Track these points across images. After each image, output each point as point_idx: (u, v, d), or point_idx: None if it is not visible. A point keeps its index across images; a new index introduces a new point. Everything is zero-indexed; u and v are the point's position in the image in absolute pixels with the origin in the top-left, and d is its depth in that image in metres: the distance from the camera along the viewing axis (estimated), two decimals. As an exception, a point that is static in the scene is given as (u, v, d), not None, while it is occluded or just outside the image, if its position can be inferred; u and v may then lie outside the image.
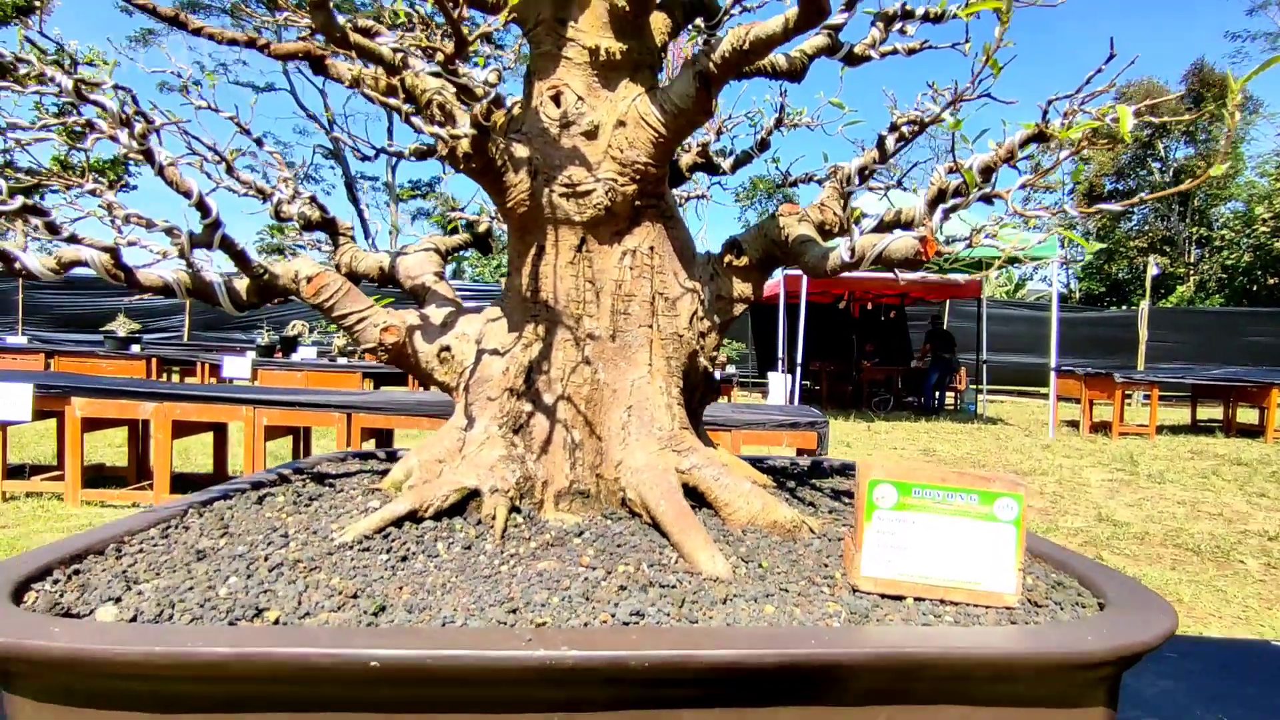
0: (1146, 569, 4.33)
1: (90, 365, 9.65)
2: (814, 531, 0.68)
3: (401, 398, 5.76)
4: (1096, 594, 0.54)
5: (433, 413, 4.94)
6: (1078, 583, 0.57)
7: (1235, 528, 5.24)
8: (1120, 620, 0.49)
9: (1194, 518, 5.43)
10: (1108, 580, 0.55)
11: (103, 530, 0.67)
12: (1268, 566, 4.49)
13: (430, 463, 0.75)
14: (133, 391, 5.17)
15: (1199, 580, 4.18)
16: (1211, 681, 0.95)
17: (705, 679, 0.44)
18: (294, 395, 5.45)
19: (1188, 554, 4.61)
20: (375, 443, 5.72)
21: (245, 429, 5.01)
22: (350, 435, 4.93)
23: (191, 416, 5.26)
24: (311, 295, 0.77)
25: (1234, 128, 0.52)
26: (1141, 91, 26.44)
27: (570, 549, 0.62)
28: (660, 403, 0.71)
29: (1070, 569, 0.59)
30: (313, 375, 8.04)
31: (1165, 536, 4.93)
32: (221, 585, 0.54)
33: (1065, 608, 0.53)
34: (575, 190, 0.70)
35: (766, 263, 0.78)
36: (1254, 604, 3.85)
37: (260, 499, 0.81)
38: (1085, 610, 0.52)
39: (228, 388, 6.05)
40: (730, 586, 0.55)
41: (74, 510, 4.74)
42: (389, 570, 0.57)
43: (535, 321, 0.73)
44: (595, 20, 0.69)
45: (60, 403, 5.06)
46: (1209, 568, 4.41)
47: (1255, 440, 8.71)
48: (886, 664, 0.44)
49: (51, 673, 0.46)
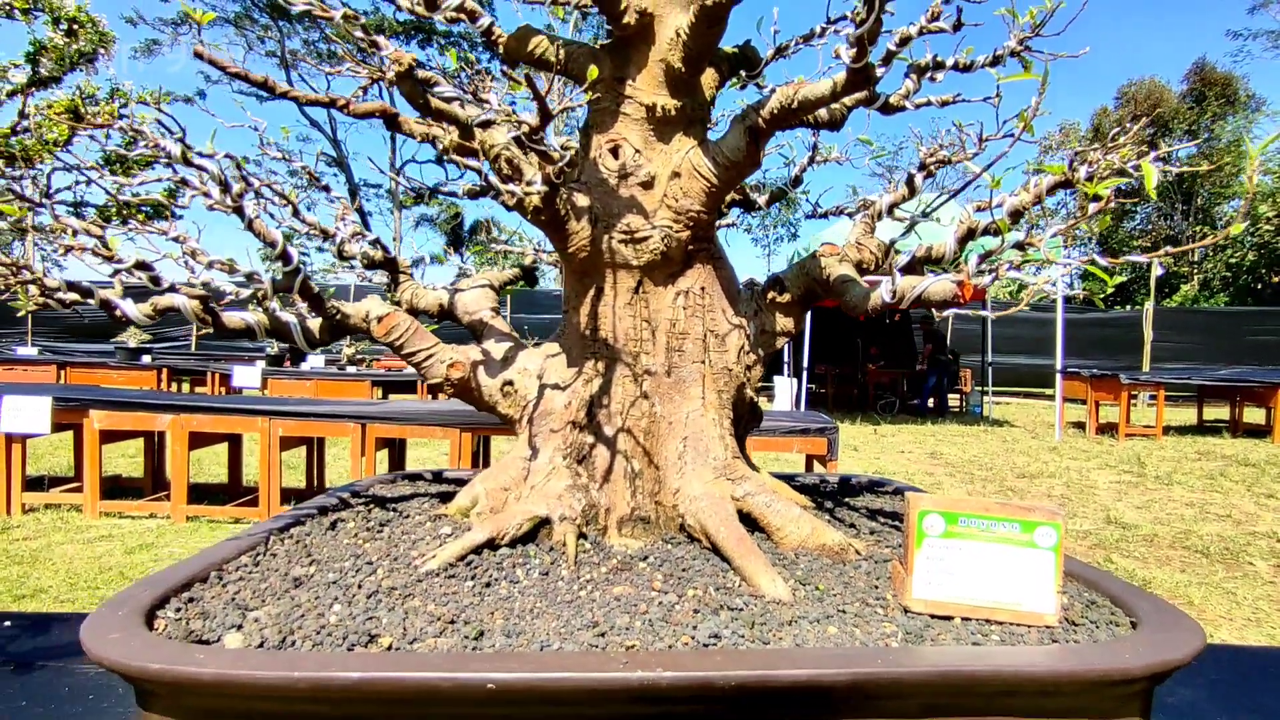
0: (1156, 571, 4.35)
1: (102, 376, 9.73)
2: (860, 553, 0.73)
3: (414, 407, 5.81)
4: (1129, 613, 0.59)
5: (445, 422, 5.00)
6: (1110, 602, 0.62)
7: (1244, 529, 5.27)
8: (1154, 639, 0.54)
9: (1202, 519, 5.45)
10: (1138, 600, 0.60)
11: (200, 558, 0.73)
12: (1278, 568, 4.51)
13: (496, 490, 0.80)
14: (150, 404, 5.24)
15: (1209, 582, 4.20)
16: (1234, 690, 1.00)
17: (784, 696, 0.49)
18: (308, 406, 5.51)
19: (1197, 556, 4.63)
20: (388, 452, 5.78)
21: (261, 440, 5.07)
22: (365, 445, 4.99)
23: (207, 428, 5.32)
24: (383, 334, 0.82)
25: (1252, 189, 0.56)
26: (1143, 92, 26.44)
27: (639, 573, 0.67)
28: (714, 434, 0.77)
29: (1102, 589, 0.64)
30: (322, 384, 8.10)
31: (1174, 538, 4.96)
32: (329, 613, 0.60)
33: (1101, 626, 0.58)
34: (633, 236, 0.76)
35: (807, 299, 0.83)
36: (1265, 606, 3.87)
37: (333, 524, 0.87)
38: (1119, 629, 0.58)
39: (243, 399, 6.11)
40: (793, 609, 0.60)
41: (93, 522, 4.80)
42: (477, 596, 0.62)
43: (595, 358, 0.79)
44: (651, 79, 0.75)
45: (78, 415, 5.13)
46: (1218, 569, 4.44)
47: (1262, 440, 8.72)
48: (946, 681, 0.50)
49: (194, 696, 0.51)
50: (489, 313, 0.90)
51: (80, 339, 14.83)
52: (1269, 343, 13.25)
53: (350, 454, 5.12)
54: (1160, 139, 26.34)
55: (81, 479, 5.58)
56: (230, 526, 5.06)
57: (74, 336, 15.22)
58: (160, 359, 11.23)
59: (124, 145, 0.75)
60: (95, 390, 6.33)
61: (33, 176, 0.76)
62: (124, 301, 0.75)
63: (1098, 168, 0.74)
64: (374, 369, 8.74)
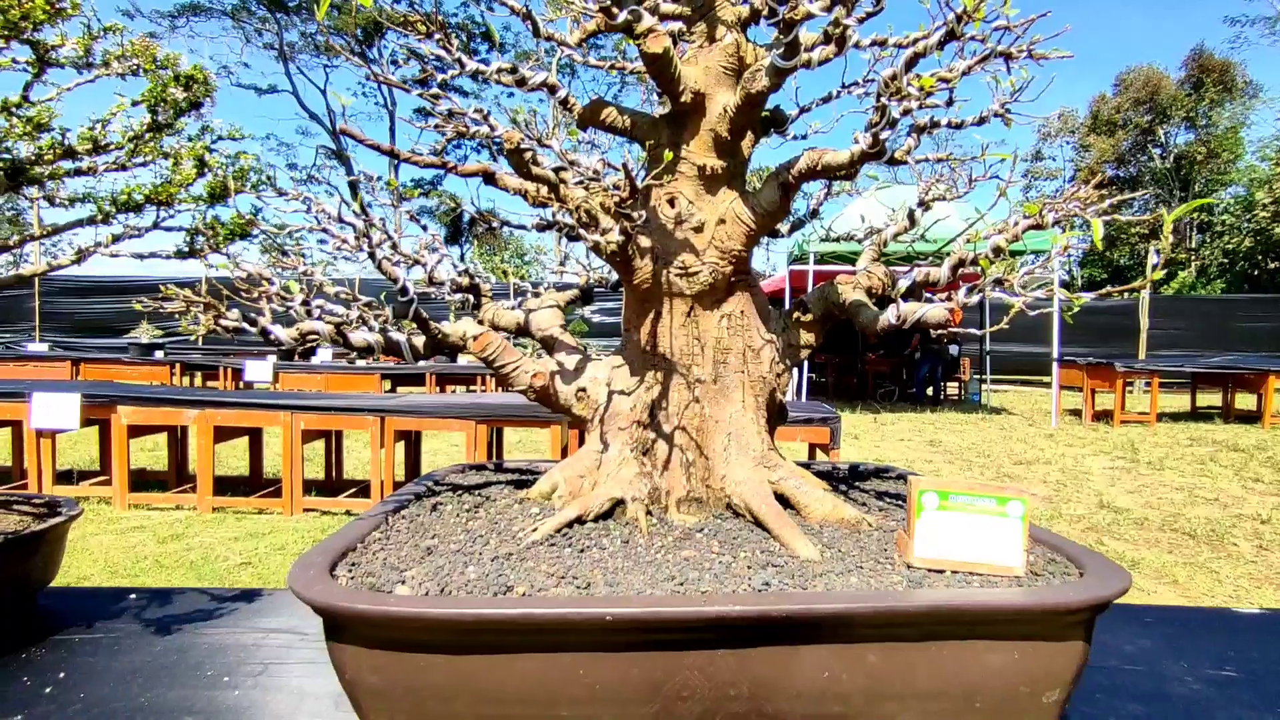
0: (1145, 552, 4.56)
1: (116, 372, 9.90)
2: (871, 525, 0.92)
3: (428, 400, 5.99)
4: (1078, 566, 0.78)
5: (461, 415, 5.19)
6: (1066, 559, 0.81)
7: (1230, 512, 5.47)
8: (1093, 583, 0.72)
9: (1191, 503, 5.65)
10: (1087, 558, 0.79)
11: (343, 535, 0.91)
12: (1259, 548, 4.72)
13: (573, 478, 0.99)
14: (176, 399, 5.43)
15: (1194, 562, 4.41)
16: (1181, 641, 1.19)
17: (820, 624, 0.68)
18: (329, 400, 5.70)
19: (1184, 538, 4.83)
20: (405, 444, 5.95)
21: (283, 434, 5.26)
22: (384, 437, 5.17)
23: (231, 422, 5.52)
24: (478, 350, 1.00)
25: (1166, 252, 0.74)
26: (1141, 79, 26.37)
27: (698, 542, 0.86)
28: (752, 430, 0.95)
29: (1062, 550, 0.83)
30: (333, 377, 8.28)
31: (1163, 522, 5.16)
32: (466, 571, 0.78)
33: (1056, 575, 0.76)
34: (687, 271, 0.94)
35: (825, 319, 1.01)
36: (1245, 583, 4.09)
37: (433, 507, 1.05)
38: (1070, 577, 0.76)
39: (265, 394, 6.29)
40: (822, 565, 0.78)
41: (124, 513, 5.01)
42: (577, 559, 0.81)
43: (654, 369, 0.97)
44: (702, 144, 0.92)
45: (106, 411, 5.31)
46: (1204, 550, 4.64)
47: (1253, 426, 8.92)
48: (940, 613, 0.68)
49: (384, 629, 0.69)
50: (558, 329, 1.08)
51: (89, 335, 14.95)
52: (1261, 330, 13.44)
53: (370, 446, 5.31)
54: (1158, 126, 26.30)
55: (109, 472, 5.77)
56: (254, 517, 5.26)
57: (82, 332, 15.32)
58: (173, 354, 11.38)
59: (308, 226, 0.92)
60: (122, 387, 6.52)
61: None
62: (275, 326, 0.93)
63: (1063, 214, 0.91)
64: (382, 362, 8.88)
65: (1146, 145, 27.58)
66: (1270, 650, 1.15)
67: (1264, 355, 10.99)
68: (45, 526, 1.20)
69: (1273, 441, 8.03)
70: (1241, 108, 25.87)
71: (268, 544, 4.60)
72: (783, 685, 0.68)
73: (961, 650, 0.69)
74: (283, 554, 4.49)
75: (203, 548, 4.56)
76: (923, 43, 0.72)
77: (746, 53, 0.90)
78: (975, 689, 0.69)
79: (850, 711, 0.69)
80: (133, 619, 1.25)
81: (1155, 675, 1.05)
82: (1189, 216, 25.39)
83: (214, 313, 0.88)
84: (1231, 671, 1.06)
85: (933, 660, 0.69)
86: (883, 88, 0.74)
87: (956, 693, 0.69)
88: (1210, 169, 25.43)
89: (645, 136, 0.95)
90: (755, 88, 0.83)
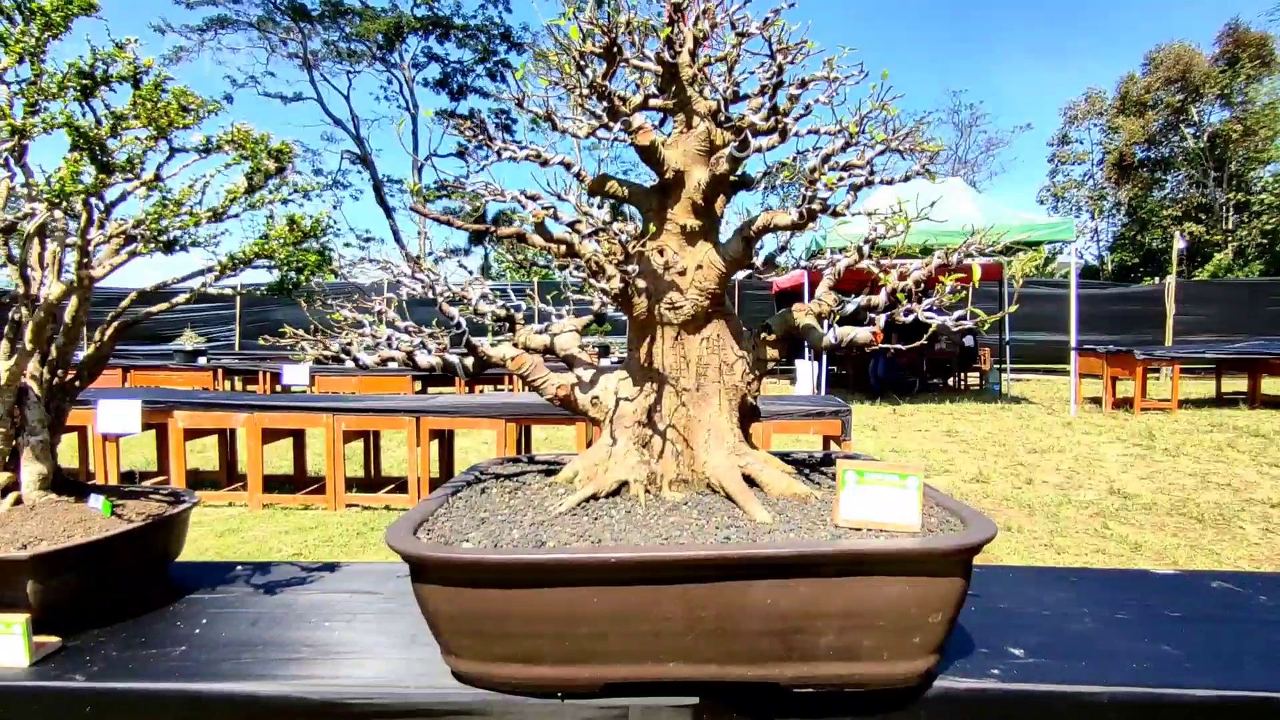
0: (1150, 536, 4.71)
1: (164, 377, 10.47)
2: (818, 499, 1.19)
3: (461, 401, 6.35)
4: (963, 522, 1.04)
5: (492, 414, 5.53)
6: (955, 518, 1.07)
7: (1241, 496, 5.55)
8: (969, 533, 0.99)
9: (1203, 488, 5.74)
10: (972, 516, 1.05)
11: (418, 510, 1.20)
12: (1265, 531, 4.83)
13: (590, 466, 1.28)
14: (227, 404, 5.86)
15: (1197, 545, 4.55)
16: (1096, 594, 1.44)
17: (765, 565, 0.96)
18: (368, 401, 6.08)
19: (1191, 522, 4.96)
20: (438, 443, 6.31)
21: (325, 434, 5.65)
22: (420, 436, 5.53)
23: (278, 424, 5.94)
24: (516, 368, 1.30)
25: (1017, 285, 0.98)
26: (1172, 57, 25.67)
27: (683, 512, 1.14)
28: (726, 427, 1.23)
29: (955, 512, 1.09)
30: (366, 380, 8.69)
31: (1172, 506, 5.27)
32: (512, 533, 1.07)
33: (944, 530, 1.03)
34: (673, 306, 1.22)
35: (786, 338, 1.29)
36: (1244, 564, 4.24)
37: (482, 490, 1.34)
38: (954, 531, 1.03)
39: (309, 397, 6.71)
40: (771, 526, 1.06)
41: (187, 509, 5.41)
42: (592, 523, 1.10)
43: (651, 381, 1.25)
44: (684, 209, 1.20)
45: (164, 416, 5.77)
46: (1208, 533, 4.76)
47: (1278, 411, 8.85)
48: (850, 554, 0.95)
49: (453, 571, 0.98)
50: (577, 349, 1.37)
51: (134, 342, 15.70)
52: (1294, 313, 13.19)
53: (407, 445, 5.68)
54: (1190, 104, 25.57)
55: (167, 473, 6.24)
56: (300, 513, 5.67)
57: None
58: (214, 360, 11.96)
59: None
60: (177, 392, 6.99)
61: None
62: (361, 354, 1.23)
63: (959, 257, 1.17)
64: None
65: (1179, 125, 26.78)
66: (1165, 599, 1.39)
67: (1294, 339, 10.83)
68: (177, 510, 1.53)
69: (1295, 426, 7.98)
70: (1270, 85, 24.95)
71: (315, 537, 4.99)
72: (738, 608, 0.96)
73: (868, 583, 0.96)
74: (330, 546, 4.88)
75: (256, 541, 4.97)
76: (830, 145, 0.99)
77: (716, 137, 1.18)
78: (879, 611, 0.96)
79: (788, 627, 0.97)
80: (244, 584, 1.58)
81: (1060, 616, 1.30)
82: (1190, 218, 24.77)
83: (320, 346, 1.19)
84: (1124, 615, 1.31)
85: (847, 591, 0.96)
86: (806, 176, 1.01)
87: (865, 613, 0.96)
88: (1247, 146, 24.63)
89: (640, 202, 1.23)
90: (719, 170, 1.10)
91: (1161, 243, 26.34)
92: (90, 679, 1.11)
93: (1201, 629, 1.24)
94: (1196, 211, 25.87)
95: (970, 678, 1.06)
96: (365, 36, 30.34)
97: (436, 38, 32.33)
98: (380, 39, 30.77)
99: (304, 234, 1.57)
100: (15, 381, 1.37)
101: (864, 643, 0.97)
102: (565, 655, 0.98)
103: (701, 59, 1.16)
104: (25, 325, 1.40)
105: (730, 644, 0.97)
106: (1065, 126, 30.32)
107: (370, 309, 1.27)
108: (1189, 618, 1.30)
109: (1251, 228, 24.13)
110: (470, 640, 1.01)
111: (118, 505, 1.47)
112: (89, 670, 1.14)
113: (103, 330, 1.54)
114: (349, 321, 1.26)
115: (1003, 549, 4.23)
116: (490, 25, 32.39)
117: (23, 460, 1.41)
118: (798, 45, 1.02)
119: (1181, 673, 1.07)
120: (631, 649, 0.98)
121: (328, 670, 1.14)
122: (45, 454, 1.43)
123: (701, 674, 0.99)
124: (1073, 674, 1.07)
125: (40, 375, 1.44)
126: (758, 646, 0.97)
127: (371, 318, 1.28)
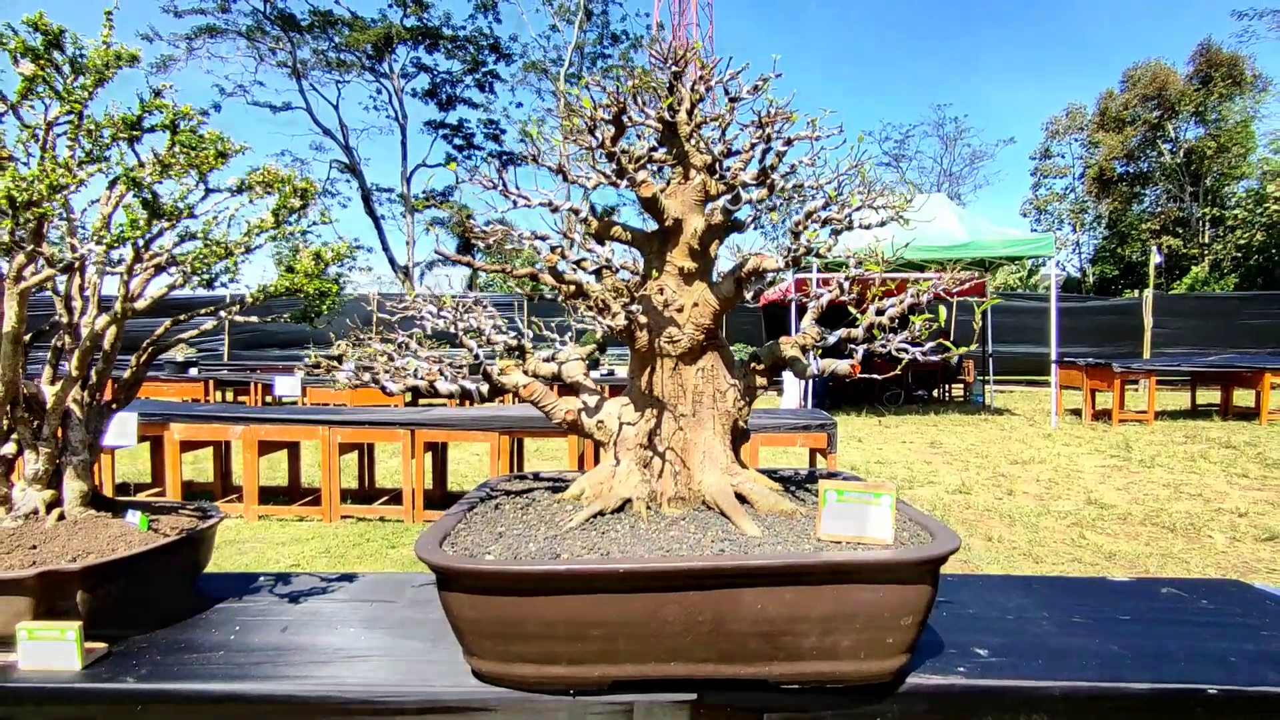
0: (1124, 545, 4.88)
1: (155, 389, 10.45)
2: (803, 514, 1.32)
3: (454, 413, 6.44)
4: (932, 535, 1.18)
5: (485, 427, 5.62)
6: (926, 532, 1.21)
7: (1211, 506, 5.75)
8: (933, 546, 1.12)
9: (1175, 498, 5.93)
10: (939, 529, 1.19)
11: (440, 525, 1.32)
12: (1232, 540, 5.02)
13: (596, 484, 1.40)
14: (223, 416, 5.92)
15: (1168, 554, 4.72)
16: (1056, 599, 1.57)
17: (755, 574, 1.08)
18: (362, 414, 6.16)
19: (1163, 531, 5.14)
20: (431, 455, 6.38)
21: (321, 446, 5.72)
22: (414, 448, 5.61)
23: (274, 437, 6.00)
24: (527, 395, 1.42)
25: (978, 325, 1.14)
26: (1148, 74, 26.31)
27: (681, 526, 1.27)
28: (720, 449, 1.36)
29: (925, 526, 1.23)
30: (358, 392, 8.73)
31: (1146, 517, 5.45)
32: (529, 546, 1.19)
33: (914, 542, 1.16)
34: (672, 339, 1.35)
35: (774, 368, 1.42)
36: (1211, 572, 4.40)
37: (495, 506, 1.46)
38: (923, 543, 1.16)
39: (304, 410, 6.76)
40: (761, 539, 1.19)
41: (184, 521, 5.44)
42: (600, 537, 1.22)
43: (651, 407, 1.38)
44: (681, 253, 1.34)
45: (160, 428, 5.81)
46: (1179, 542, 4.94)
47: (1250, 422, 9.12)
48: (831, 566, 1.08)
49: (477, 580, 1.10)
50: (582, 376, 1.49)
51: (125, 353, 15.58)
52: (1267, 326, 13.56)
53: (402, 457, 5.75)
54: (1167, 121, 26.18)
55: (163, 484, 6.27)
56: (296, 524, 5.73)
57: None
58: (206, 371, 11.93)
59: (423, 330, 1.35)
60: (173, 405, 7.02)
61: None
62: (390, 383, 1.35)
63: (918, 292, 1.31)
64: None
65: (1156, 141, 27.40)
66: (1118, 603, 1.53)
67: (1268, 353, 11.16)
68: (206, 525, 1.63)
69: (1266, 438, 8.25)
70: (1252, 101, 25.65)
71: (312, 548, 5.05)
72: (732, 613, 1.09)
73: (846, 590, 1.09)
74: (328, 557, 4.94)
75: (255, 552, 5.03)
76: (812, 204, 1.13)
77: (711, 188, 1.32)
78: (856, 615, 1.09)
79: (776, 630, 1.10)
80: (269, 593, 1.68)
81: (1022, 620, 1.44)
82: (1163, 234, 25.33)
83: (348, 374, 1.31)
84: (1079, 619, 1.45)
85: (827, 596, 1.09)
86: (791, 228, 1.15)
87: (844, 617, 1.09)
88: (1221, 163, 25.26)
89: (642, 245, 1.37)
90: (714, 221, 1.24)
91: (1141, 255, 26.88)
92: (140, 680, 1.22)
93: (1146, 630, 1.39)
94: (1174, 225, 26.42)
95: (938, 675, 1.19)
96: (355, 47, 30.44)
97: (425, 48, 32.53)
98: (369, 49, 30.87)
99: (326, 264, 1.69)
100: (61, 405, 1.48)
101: (843, 643, 1.10)
102: (578, 656, 1.10)
103: (697, 118, 1.30)
104: (68, 352, 1.51)
105: (725, 645, 1.10)
106: (1047, 141, 30.95)
107: (394, 339, 1.39)
108: (1136, 620, 1.44)
109: (1226, 242, 24.69)
110: (492, 642, 1.13)
111: (152, 520, 1.58)
112: (137, 673, 1.24)
113: (138, 356, 1.65)
114: (379, 352, 1.38)
115: (983, 558, 4.37)
116: (479, 36, 32.60)
117: (65, 478, 1.51)
118: (782, 113, 1.17)
119: (1123, 668, 1.21)
120: (637, 650, 1.10)
121: (357, 671, 1.25)
122: (85, 472, 1.53)
123: (700, 672, 1.12)
124: (1029, 670, 1.20)
125: (81, 399, 1.54)
126: (749, 647, 1.10)
127: (394, 348, 1.40)
